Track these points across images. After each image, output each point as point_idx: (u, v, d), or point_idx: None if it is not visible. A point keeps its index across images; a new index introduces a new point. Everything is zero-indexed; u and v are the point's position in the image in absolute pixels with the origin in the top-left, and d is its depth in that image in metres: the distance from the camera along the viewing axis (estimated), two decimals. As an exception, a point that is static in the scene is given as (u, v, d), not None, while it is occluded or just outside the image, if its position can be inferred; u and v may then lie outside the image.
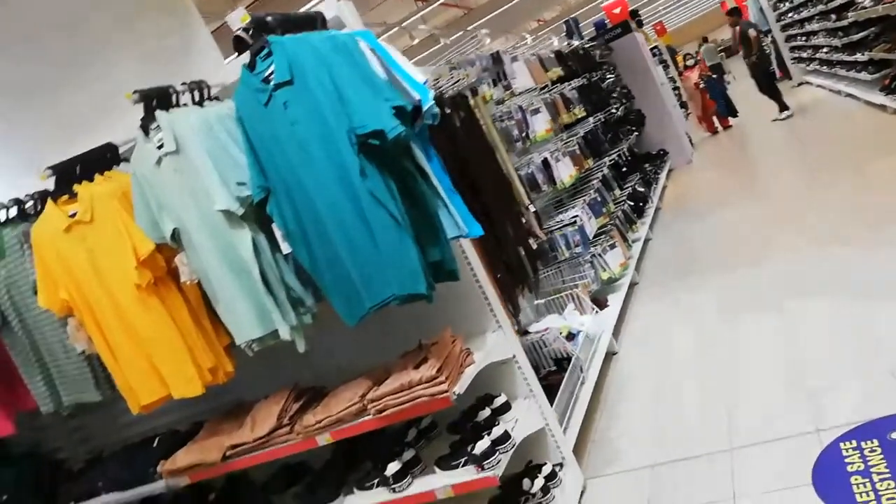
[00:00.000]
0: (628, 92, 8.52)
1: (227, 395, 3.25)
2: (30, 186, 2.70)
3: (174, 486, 2.68)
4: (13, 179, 2.82)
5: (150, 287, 2.44)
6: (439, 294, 2.25)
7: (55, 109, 3.03)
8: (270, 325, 2.32)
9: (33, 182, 2.71)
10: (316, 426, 2.36)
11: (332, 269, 2.14)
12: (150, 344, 2.50)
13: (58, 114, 3.07)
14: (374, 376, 2.46)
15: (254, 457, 2.50)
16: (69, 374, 2.81)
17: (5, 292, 2.79)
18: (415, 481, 2.37)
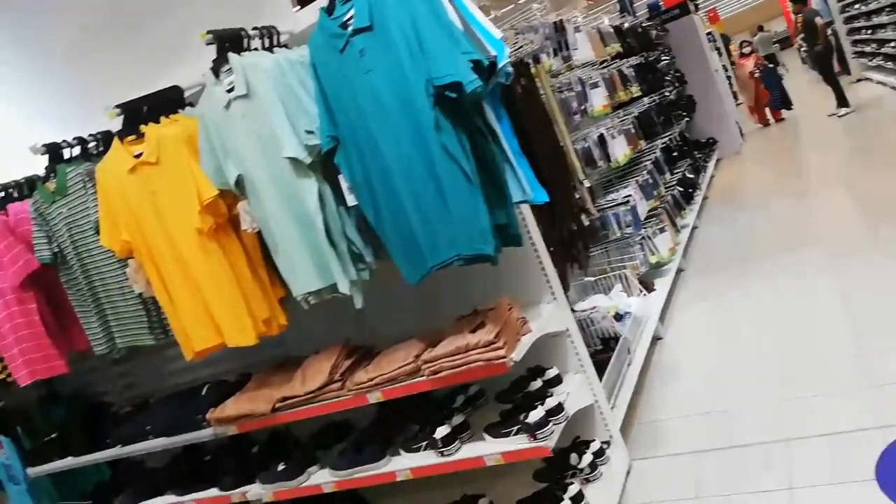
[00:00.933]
0: (681, 76, 8.29)
1: (275, 350, 3.26)
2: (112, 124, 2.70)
3: (221, 434, 2.70)
4: (85, 121, 2.82)
5: (210, 233, 2.44)
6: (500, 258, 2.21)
7: (130, 49, 3.03)
8: (330, 278, 2.30)
9: (105, 124, 2.72)
10: (368, 384, 2.34)
11: (396, 225, 2.11)
12: (207, 290, 2.51)
13: (132, 54, 3.06)
14: (427, 339, 2.43)
15: (303, 410, 2.50)
16: (125, 316, 2.83)
17: (65, 231, 2.82)
18: (463, 447, 2.34)
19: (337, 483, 2.52)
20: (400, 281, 2.40)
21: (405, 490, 2.90)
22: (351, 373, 2.49)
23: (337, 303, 2.47)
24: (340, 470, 2.52)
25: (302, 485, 2.62)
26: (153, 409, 3.12)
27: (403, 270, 2.17)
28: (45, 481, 3.54)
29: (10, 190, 3.20)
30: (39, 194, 2.86)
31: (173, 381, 3.66)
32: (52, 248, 2.88)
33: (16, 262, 2.97)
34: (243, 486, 2.81)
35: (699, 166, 6.83)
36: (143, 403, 3.37)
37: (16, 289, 3.02)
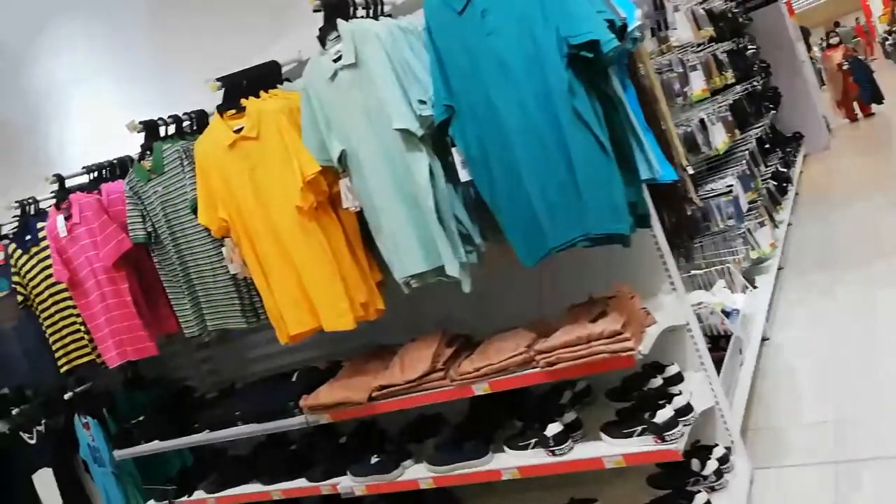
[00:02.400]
0: (767, 66, 7.85)
1: (361, 338, 3.16)
2: (204, 102, 2.65)
3: (313, 422, 2.60)
4: (188, 94, 2.78)
5: (310, 211, 2.34)
6: (607, 246, 2.02)
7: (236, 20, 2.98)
8: (436, 260, 2.16)
9: (198, 102, 2.67)
10: (473, 374, 2.19)
11: (514, 201, 1.95)
12: (305, 272, 2.41)
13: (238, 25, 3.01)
14: (537, 328, 2.27)
15: (401, 400, 2.37)
16: (216, 298, 2.77)
17: (160, 209, 2.77)
18: (576, 446, 2.16)
19: (435, 479, 2.38)
20: (500, 266, 2.25)
21: (501, 490, 2.73)
22: (453, 362, 2.35)
23: (431, 289, 2.34)
24: (439, 465, 2.38)
25: (397, 479, 2.48)
26: (240, 395, 3.05)
27: (519, 252, 2.00)
28: (130, 464, 3.53)
29: (103, 170, 3.20)
30: (135, 172, 2.82)
31: (256, 368, 3.60)
32: (146, 227, 2.84)
33: (109, 242, 2.95)
34: (333, 478, 2.70)
35: (789, 161, 6.43)
36: (228, 389, 3.32)
37: (108, 269, 3.00)
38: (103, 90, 3.63)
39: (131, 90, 3.58)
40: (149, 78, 3.44)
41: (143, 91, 3.49)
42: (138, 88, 3.53)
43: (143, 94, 3.50)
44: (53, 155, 3.76)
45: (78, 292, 3.14)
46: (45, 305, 3.33)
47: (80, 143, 3.68)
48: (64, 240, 3.09)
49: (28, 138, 3.96)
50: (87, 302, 3.12)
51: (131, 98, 3.54)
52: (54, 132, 3.81)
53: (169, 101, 2.85)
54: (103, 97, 3.62)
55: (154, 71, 3.45)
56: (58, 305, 3.29)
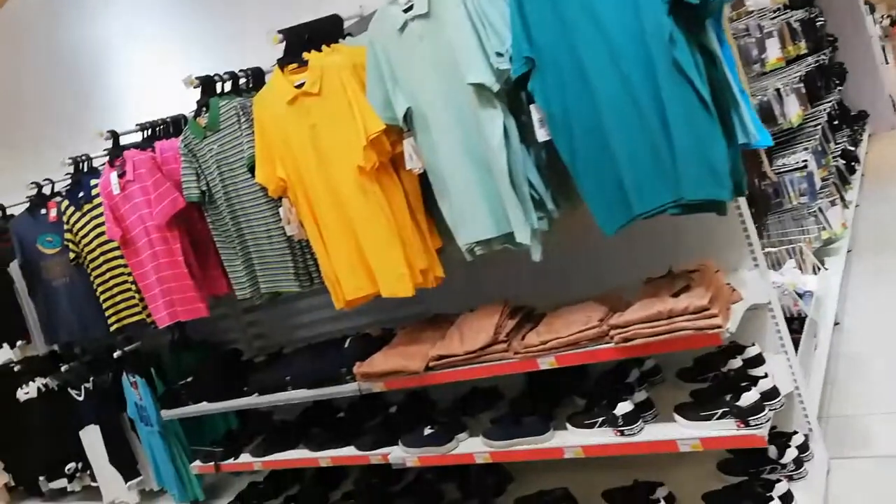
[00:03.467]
0: (834, 39, 7.44)
1: (414, 306, 3.07)
2: (261, 60, 2.56)
3: (366, 390, 2.53)
4: (247, 50, 2.69)
5: (371, 172, 2.23)
6: (685, 216, 1.88)
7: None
8: (505, 226, 2.05)
9: (255, 60, 2.58)
10: (540, 347, 2.08)
11: (597, 163, 1.81)
12: (364, 235, 2.31)
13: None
14: (608, 302, 2.14)
15: (460, 371, 2.28)
16: (270, 260, 2.70)
17: (215, 167, 2.70)
18: (647, 427, 2.04)
19: (492, 454, 2.29)
20: (568, 235, 2.12)
21: (556, 467, 2.63)
22: (515, 334, 2.24)
23: (485, 257, 2.22)
24: (497, 440, 2.29)
25: (451, 452, 2.40)
26: (289, 360, 3.00)
27: (600, 218, 1.87)
28: (176, 425, 3.53)
29: (157, 128, 3.14)
30: (190, 129, 2.75)
31: (303, 333, 3.56)
32: (200, 186, 2.78)
33: (163, 200, 2.90)
34: (383, 448, 2.64)
35: (857, 139, 6.10)
36: (277, 354, 3.27)
37: (161, 228, 2.95)
38: (159, 45, 3.55)
39: (188, 46, 3.50)
40: (207, 32, 3.35)
41: (200, 47, 3.42)
42: (195, 44, 3.45)
43: (200, 50, 3.43)
44: (109, 111, 3.73)
45: (130, 251, 3.11)
46: (96, 263, 3.32)
47: (135, 99, 3.63)
48: (117, 197, 3.06)
49: (87, 94, 3.93)
50: (139, 261, 3.09)
51: (187, 54, 3.46)
52: (111, 87, 3.77)
53: (227, 56, 2.75)
54: (159, 53, 3.55)
55: (212, 25, 3.36)
56: (109, 264, 3.27)
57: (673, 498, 2.08)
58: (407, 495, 2.76)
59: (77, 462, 4.03)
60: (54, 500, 4.53)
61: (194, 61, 3.04)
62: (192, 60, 3.03)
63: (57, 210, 3.46)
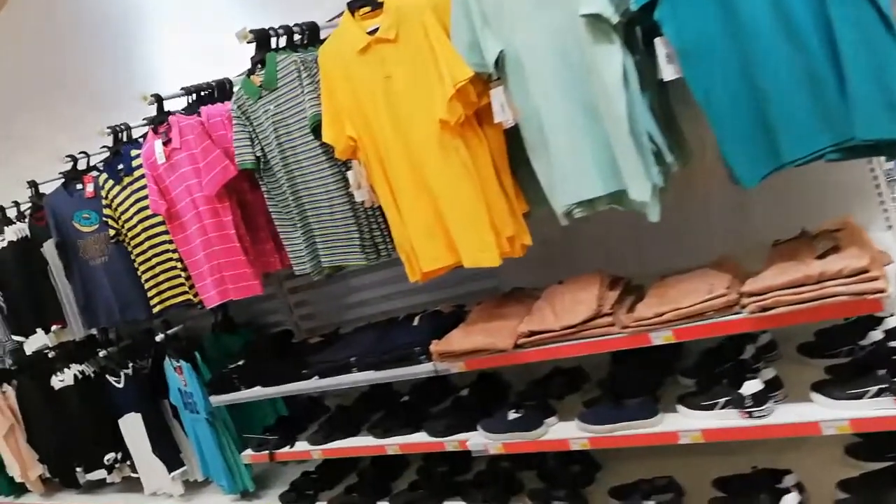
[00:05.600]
0: None
1: (483, 281, 2.86)
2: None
3: (444, 370, 2.31)
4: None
5: (455, 127, 2.00)
6: (811, 171, 1.65)
7: None
8: (615, 182, 1.82)
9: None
10: (654, 320, 1.84)
11: (738, 103, 1.57)
12: (445, 199, 2.09)
13: None
14: (726, 268, 1.91)
15: (555, 348, 2.05)
16: (333, 232, 2.48)
17: (271, 130, 2.48)
18: (777, 408, 1.81)
19: (591, 440, 2.07)
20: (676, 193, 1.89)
21: (643, 455, 2.40)
22: (618, 307, 2.01)
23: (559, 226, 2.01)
24: (595, 424, 2.06)
25: (540, 438, 2.18)
26: (350, 341, 2.79)
27: (738, 168, 1.63)
28: (224, 411, 3.33)
29: (201, 92, 2.92)
30: (243, 89, 2.53)
31: (355, 313, 3.35)
32: (254, 151, 2.56)
33: (213, 169, 2.68)
34: (460, 434, 2.42)
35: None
36: (333, 334, 3.06)
37: (211, 199, 2.74)
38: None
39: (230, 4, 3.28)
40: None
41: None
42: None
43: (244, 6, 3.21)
44: (148, 78, 3.51)
45: (175, 225, 2.91)
46: (138, 241, 3.11)
47: (174, 63, 3.41)
48: (162, 167, 2.85)
49: (124, 59, 3.71)
50: (186, 236, 2.89)
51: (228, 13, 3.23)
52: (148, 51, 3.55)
53: (281, 7, 2.52)
54: (197, 10, 3.33)
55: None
56: (152, 241, 3.07)
57: (803, 487, 1.85)
58: (481, 485, 2.54)
59: (116, 452, 3.85)
60: (91, 492, 4.37)
61: (237, 18, 2.80)
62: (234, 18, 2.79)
63: (94, 185, 3.26)
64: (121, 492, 4.16)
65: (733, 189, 1.88)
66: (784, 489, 1.84)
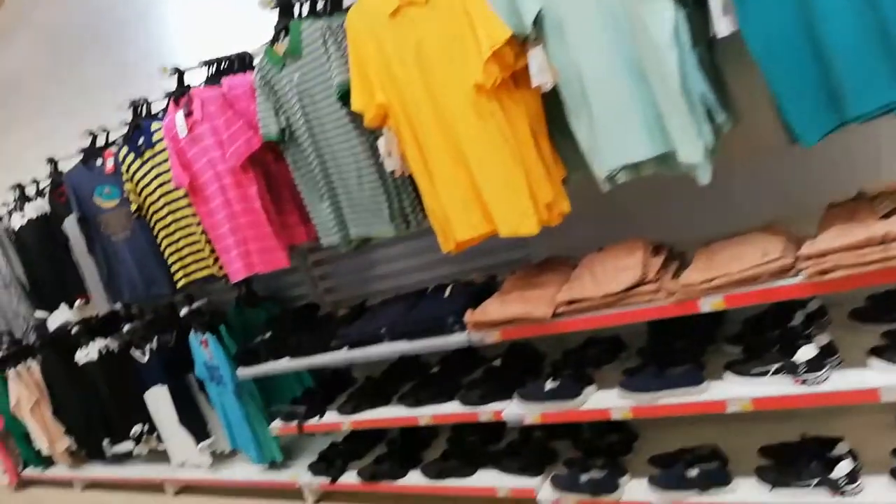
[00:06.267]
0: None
1: (514, 251, 2.81)
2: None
3: (478, 340, 2.27)
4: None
5: (492, 91, 1.93)
6: (865, 131, 1.57)
7: None
8: (665, 144, 1.74)
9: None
10: (704, 286, 1.79)
11: (800, 57, 1.49)
12: (480, 165, 2.02)
13: None
14: (777, 232, 1.84)
15: (597, 317, 2.00)
16: (361, 202, 2.42)
17: (296, 100, 2.41)
18: (832, 375, 1.76)
19: (633, 409, 2.03)
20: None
21: (680, 424, 2.38)
22: (663, 273, 1.95)
23: (594, 193, 1.94)
24: (638, 393, 2.02)
25: (580, 407, 2.15)
26: (377, 313, 2.75)
27: (797, 125, 1.56)
28: (251, 384, 3.33)
29: (221, 64, 2.84)
30: (267, 58, 2.45)
31: (380, 286, 3.31)
32: (279, 122, 2.50)
33: (236, 141, 2.62)
34: (494, 404, 2.40)
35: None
36: (360, 307, 3.03)
37: (235, 171, 2.69)
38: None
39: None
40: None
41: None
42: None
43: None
44: (165, 48, 3.43)
45: (198, 199, 2.86)
46: (160, 215, 3.07)
47: (197, 34, 3.32)
48: (183, 140, 2.79)
49: (138, 29, 3.62)
50: (209, 209, 2.84)
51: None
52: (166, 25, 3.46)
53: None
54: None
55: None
56: (174, 215, 3.03)
57: (856, 455, 1.81)
58: (515, 455, 2.52)
59: (143, 424, 3.86)
60: (119, 464, 4.41)
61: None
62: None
63: (114, 160, 3.21)
64: (147, 463, 4.20)
65: (782, 150, 1.81)
66: (836, 457, 1.80)
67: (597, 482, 2.14)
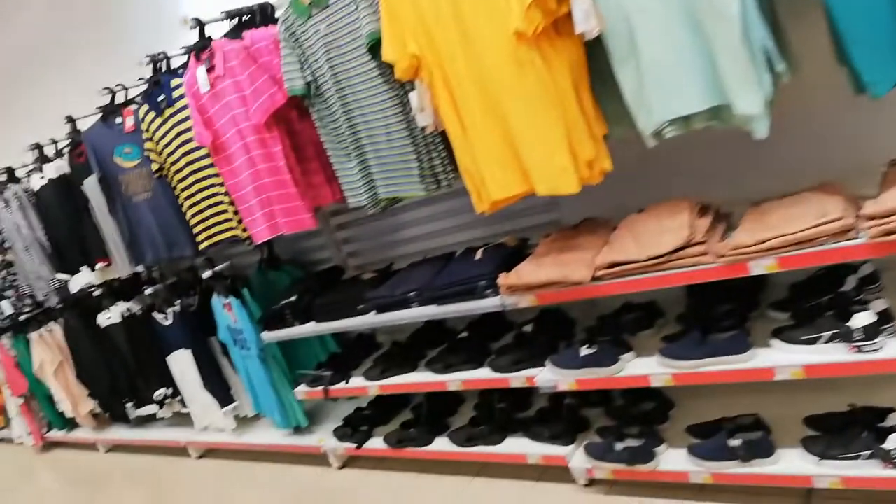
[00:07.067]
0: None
1: (543, 215, 2.72)
2: None
3: (511, 304, 2.20)
4: None
5: (532, 39, 1.82)
6: None
7: None
8: (720, 95, 1.63)
9: None
10: (756, 248, 1.69)
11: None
12: (518, 119, 1.93)
13: None
14: (832, 192, 1.74)
15: (639, 280, 1.92)
16: (389, 160, 2.34)
17: (322, 52, 2.31)
18: (890, 342, 1.67)
19: (675, 376, 1.95)
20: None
21: (717, 393, 2.31)
22: (711, 235, 1.86)
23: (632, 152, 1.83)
24: (680, 360, 1.95)
25: (617, 374, 2.08)
26: (406, 276, 2.68)
27: (869, 74, 1.45)
28: (275, 348, 3.29)
29: (243, 17, 2.74)
30: (292, 8, 2.35)
31: (405, 250, 3.24)
32: (304, 75, 2.40)
33: (260, 96, 2.53)
34: (526, 370, 2.34)
35: None
36: (386, 270, 2.96)
37: (259, 129, 2.61)
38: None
39: None
40: None
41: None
42: None
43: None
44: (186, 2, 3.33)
45: (221, 158, 2.79)
46: (181, 175, 3.01)
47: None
48: (205, 96, 2.70)
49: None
50: (232, 169, 2.77)
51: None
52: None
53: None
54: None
55: None
56: (196, 175, 2.96)
57: (909, 425, 1.73)
58: (545, 422, 2.47)
59: (167, 388, 3.86)
60: (142, 426, 4.44)
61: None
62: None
63: (134, 118, 3.14)
64: (171, 426, 4.22)
65: (840, 102, 1.69)
66: (889, 427, 1.72)
67: (633, 451, 2.08)
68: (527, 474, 2.47)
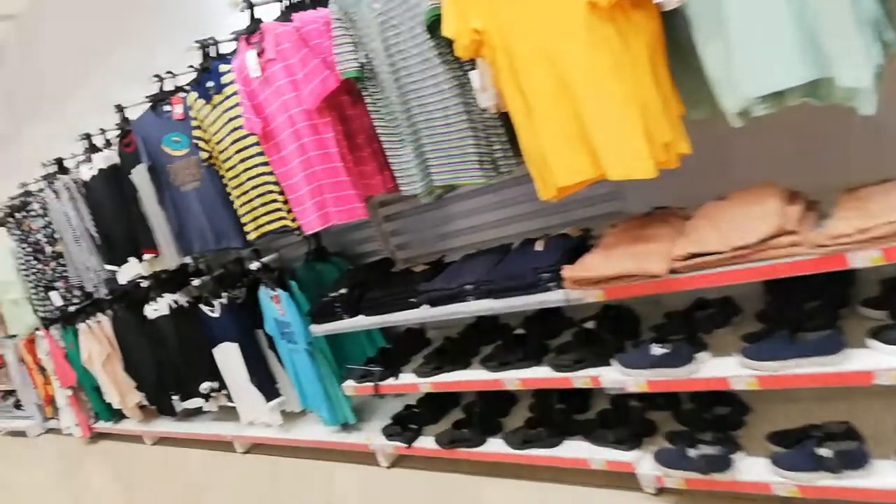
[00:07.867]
0: None
1: (604, 205, 2.58)
2: None
3: (577, 299, 2.06)
4: None
5: (606, 11, 1.68)
6: None
7: None
8: (820, 68, 1.47)
9: None
10: (857, 237, 1.52)
11: None
12: (590, 100, 1.79)
13: None
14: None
15: (723, 273, 1.76)
16: (446, 146, 2.22)
17: (378, 33, 2.21)
18: None
19: (760, 378, 1.79)
20: None
21: (790, 398, 2.13)
22: (803, 224, 1.69)
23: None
24: (765, 361, 1.78)
25: (692, 376, 1.92)
26: (460, 269, 2.57)
27: None
28: (322, 342, 3.21)
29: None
30: (346, -14, 2.25)
31: (456, 242, 3.13)
32: (358, 57, 2.31)
33: (312, 80, 2.45)
34: (589, 369, 2.20)
35: None
36: (437, 263, 2.85)
37: (310, 114, 2.52)
38: None
39: None
40: None
41: None
42: None
43: None
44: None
45: (270, 145, 2.71)
46: (230, 163, 2.95)
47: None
48: (255, 81, 2.63)
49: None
50: (282, 157, 2.69)
51: None
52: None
53: None
54: None
55: None
56: (246, 163, 2.89)
57: None
58: (608, 425, 2.32)
59: (213, 381, 3.83)
60: (188, 419, 4.43)
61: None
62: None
63: (183, 106, 3.10)
64: (216, 420, 4.19)
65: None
66: None
67: (709, 459, 1.92)
68: (588, 480, 2.34)
